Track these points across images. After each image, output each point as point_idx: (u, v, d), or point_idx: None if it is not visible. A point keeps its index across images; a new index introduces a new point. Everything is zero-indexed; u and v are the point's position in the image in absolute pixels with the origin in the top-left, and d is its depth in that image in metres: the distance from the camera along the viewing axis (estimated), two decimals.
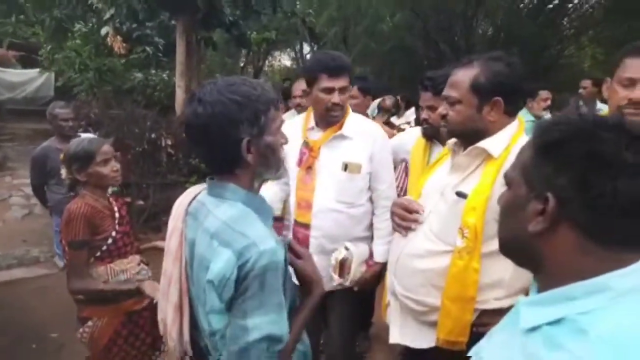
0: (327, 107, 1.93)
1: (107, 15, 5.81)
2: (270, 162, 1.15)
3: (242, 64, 16.01)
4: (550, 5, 10.27)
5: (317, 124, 2.04)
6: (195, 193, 1.26)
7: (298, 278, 1.24)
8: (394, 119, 5.21)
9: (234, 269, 1.00)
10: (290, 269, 1.18)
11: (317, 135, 2.03)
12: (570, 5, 10.41)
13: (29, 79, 12.15)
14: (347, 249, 1.94)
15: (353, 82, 2.93)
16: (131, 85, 7.68)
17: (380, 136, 2.08)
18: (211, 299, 1.04)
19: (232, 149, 1.08)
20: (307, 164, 2.00)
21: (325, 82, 1.90)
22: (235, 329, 1.03)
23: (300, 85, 3.15)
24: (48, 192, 3.30)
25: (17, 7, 7.93)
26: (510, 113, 1.47)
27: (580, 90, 4.89)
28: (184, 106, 1.13)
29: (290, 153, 2.01)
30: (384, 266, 2.13)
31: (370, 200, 2.07)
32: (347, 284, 1.96)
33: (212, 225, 1.09)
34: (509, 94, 1.42)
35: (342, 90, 1.92)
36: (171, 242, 1.23)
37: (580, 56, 11.66)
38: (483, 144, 1.44)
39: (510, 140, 1.44)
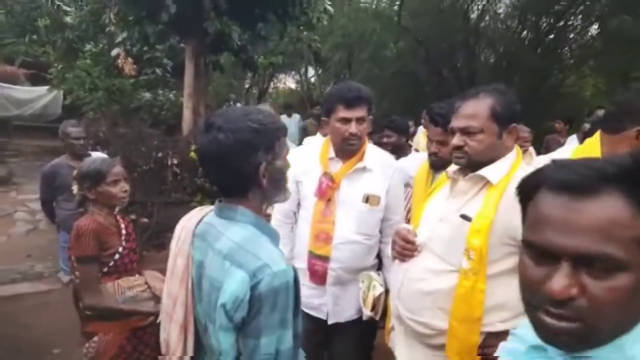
0: (344, 137, 1.94)
1: (120, 39, 5.97)
2: (280, 186, 1.21)
3: (247, 86, 16.25)
4: (552, 36, 10.47)
5: (336, 155, 2.04)
6: (199, 216, 1.29)
7: None
8: None
9: (247, 290, 1.04)
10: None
11: (337, 166, 2.03)
12: (571, 36, 10.61)
13: (37, 96, 12.33)
14: (380, 284, 1.94)
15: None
16: (138, 105, 7.82)
17: (397, 169, 2.14)
18: (220, 317, 1.07)
19: (249, 174, 1.14)
20: (328, 196, 2.00)
21: (342, 113, 1.92)
22: (249, 347, 1.07)
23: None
24: (56, 207, 3.34)
25: (31, 28, 8.14)
26: (516, 140, 1.55)
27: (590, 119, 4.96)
28: (200, 134, 1.17)
29: (309, 183, 2.04)
30: None
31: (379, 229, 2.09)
32: (377, 317, 1.97)
33: (224, 247, 1.12)
34: (518, 121, 1.52)
35: (359, 120, 1.93)
36: (177, 265, 1.25)
37: (582, 85, 11.82)
38: (483, 172, 1.51)
39: (510, 168, 1.50)
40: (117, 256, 2.01)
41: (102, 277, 1.99)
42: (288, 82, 19.64)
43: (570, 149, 2.04)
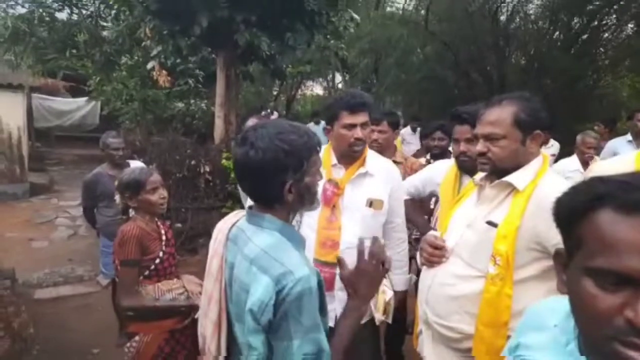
0: (350, 142, 1.98)
1: (154, 52, 6.20)
2: (305, 200, 1.27)
3: (275, 93, 16.49)
4: (585, 36, 10.20)
5: (339, 161, 2.08)
6: (234, 220, 1.37)
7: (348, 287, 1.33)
8: None
9: (272, 295, 1.10)
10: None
11: (340, 172, 2.07)
12: (605, 35, 10.31)
13: (77, 107, 12.95)
14: (389, 288, 1.99)
15: (382, 117, 3.07)
16: (172, 114, 8.08)
17: (397, 173, 2.19)
18: (248, 321, 1.14)
19: (275, 190, 1.20)
20: (333, 203, 2.02)
21: (347, 119, 1.97)
22: (281, 349, 1.13)
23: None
24: (97, 214, 3.50)
25: (72, 43, 8.56)
26: (541, 146, 1.56)
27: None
28: (235, 146, 1.24)
29: None
30: (405, 294, 2.22)
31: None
32: (390, 320, 2.02)
33: (251, 252, 1.19)
34: (544, 128, 1.53)
35: (363, 125, 1.99)
36: (212, 265, 1.34)
37: (617, 86, 11.44)
38: (509, 178, 1.53)
39: (535, 174, 1.52)
40: (157, 260, 2.12)
41: (144, 280, 2.10)
42: (316, 88, 19.83)
43: (631, 157, 1.88)
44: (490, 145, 1.55)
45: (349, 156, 2.05)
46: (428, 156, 3.49)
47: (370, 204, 2.01)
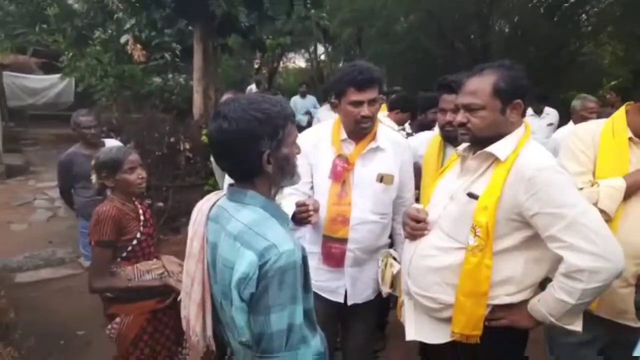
0: (357, 120, 1.92)
1: (128, 25, 5.98)
2: (285, 171, 1.25)
3: (256, 66, 16.18)
4: (567, 4, 10.13)
5: (348, 136, 2.03)
6: (214, 200, 1.35)
7: None
8: None
9: (255, 269, 1.09)
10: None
11: (350, 147, 2.02)
12: (588, 2, 10.26)
13: (50, 85, 12.49)
14: (396, 260, 1.97)
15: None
16: (149, 90, 7.87)
17: (407, 147, 2.14)
18: (234, 297, 1.13)
19: (253, 161, 1.19)
20: (343, 178, 1.99)
21: (353, 96, 1.89)
22: (259, 323, 1.13)
23: None
24: (74, 195, 3.42)
25: (41, 18, 8.18)
26: (523, 115, 1.53)
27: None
28: (210, 122, 1.23)
29: (322, 165, 2.03)
30: None
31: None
32: (397, 293, 1.99)
33: (234, 229, 1.18)
34: (525, 96, 1.50)
35: (370, 102, 1.91)
36: (193, 246, 1.32)
37: (600, 53, 11.47)
38: (491, 148, 1.51)
39: (517, 144, 1.50)
40: (135, 241, 2.08)
41: (121, 261, 2.06)
42: (298, 61, 19.51)
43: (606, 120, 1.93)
44: (470, 115, 1.52)
45: (358, 132, 2.00)
46: (407, 128, 3.45)
47: (381, 179, 1.98)
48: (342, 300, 2.07)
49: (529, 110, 6.84)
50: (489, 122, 1.50)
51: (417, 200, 2.24)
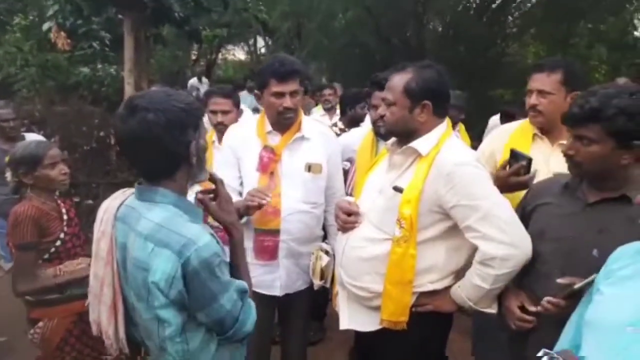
0: (279, 111, 1.94)
1: (51, 12, 5.57)
2: (203, 164, 1.26)
3: (194, 57, 15.68)
4: (494, 5, 10.71)
5: (273, 127, 2.04)
6: (121, 199, 1.29)
7: (219, 222, 1.35)
8: None
9: (177, 268, 1.09)
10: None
11: (275, 139, 2.04)
12: (513, 5, 10.90)
13: None
14: (327, 253, 2.00)
15: None
16: (76, 81, 7.39)
17: (333, 137, 2.20)
18: (157, 296, 1.11)
19: (179, 153, 1.17)
20: (270, 169, 2.01)
21: (275, 87, 1.92)
22: (215, 311, 1.16)
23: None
24: None
25: None
26: (440, 115, 1.63)
27: None
28: (125, 117, 1.13)
29: (249, 158, 2.03)
30: None
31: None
32: (328, 285, 2.03)
33: (145, 228, 1.15)
34: (437, 98, 1.59)
35: (292, 94, 1.94)
36: (100, 247, 1.26)
37: (524, 54, 12.24)
38: (414, 144, 1.60)
39: (438, 140, 1.60)
40: (58, 242, 1.98)
41: (44, 263, 1.96)
42: (238, 53, 19.13)
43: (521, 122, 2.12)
44: (386, 109, 1.63)
45: (282, 123, 2.01)
46: (339, 124, 3.54)
47: (309, 168, 2.01)
48: (278, 294, 2.10)
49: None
50: (397, 118, 1.60)
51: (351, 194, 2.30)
